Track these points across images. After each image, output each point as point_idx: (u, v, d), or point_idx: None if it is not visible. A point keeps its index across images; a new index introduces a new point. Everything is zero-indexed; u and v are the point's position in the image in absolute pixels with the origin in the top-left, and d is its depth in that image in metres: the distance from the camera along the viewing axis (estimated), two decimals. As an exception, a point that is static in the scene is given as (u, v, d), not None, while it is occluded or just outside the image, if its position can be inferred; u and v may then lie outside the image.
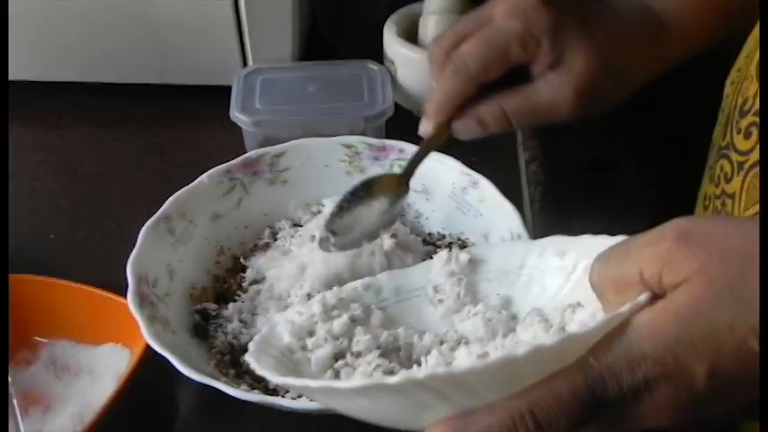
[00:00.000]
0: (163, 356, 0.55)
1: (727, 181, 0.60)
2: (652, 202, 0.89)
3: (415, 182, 0.68)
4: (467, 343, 0.53)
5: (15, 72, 0.79)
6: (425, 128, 0.58)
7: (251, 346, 0.50)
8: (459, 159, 0.67)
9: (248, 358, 0.48)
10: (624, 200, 0.88)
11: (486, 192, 0.66)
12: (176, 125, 0.85)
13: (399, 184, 0.60)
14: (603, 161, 0.91)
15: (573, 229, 0.54)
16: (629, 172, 0.92)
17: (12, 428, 0.58)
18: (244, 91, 0.78)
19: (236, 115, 0.76)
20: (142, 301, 0.58)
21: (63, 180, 0.81)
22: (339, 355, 0.51)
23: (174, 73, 0.86)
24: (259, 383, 0.58)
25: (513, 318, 0.54)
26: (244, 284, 0.65)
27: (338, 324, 0.53)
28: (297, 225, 0.68)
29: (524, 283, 0.54)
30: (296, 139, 0.70)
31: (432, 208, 0.69)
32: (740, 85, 0.60)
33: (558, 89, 0.56)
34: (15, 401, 0.60)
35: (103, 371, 0.61)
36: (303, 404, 0.55)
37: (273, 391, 0.57)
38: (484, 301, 0.55)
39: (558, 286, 0.52)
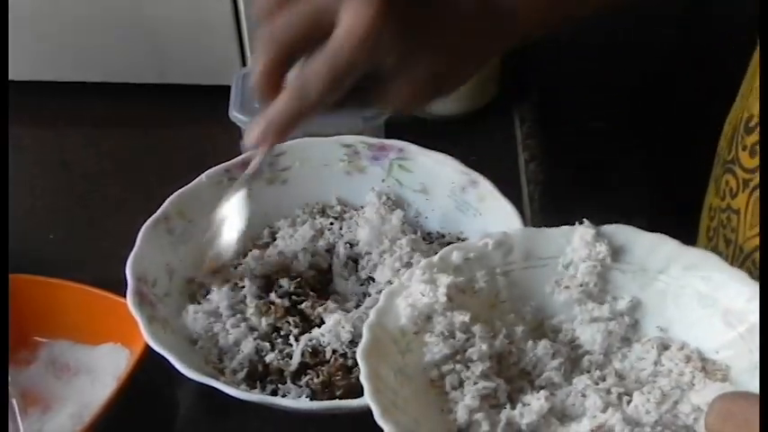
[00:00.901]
0: (162, 356, 0.55)
1: (733, 196, 0.59)
2: (651, 202, 0.89)
3: (413, 181, 0.69)
4: (579, 350, 0.53)
5: (13, 72, 0.79)
6: (255, 138, 0.54)
7: (366, 333, 0.48)
8: (458, 158, 0.67)
9: (360, 360, 0.47)
10: (623, 199, 0.88)
11: (485, 191, 0.66)
12: (175, 125, 0.85)
13: None
14: (602, 161, 0.91)
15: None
16: (627, 171, 0.92)
17: (11, 428, 0.58)
18: (243, 91, 0.77)
19: (235, 115, 0.75)
20: (141, 300, 0.58)
21: (61, 180, 0.81)
22: (452, 355, 0.50)
23: (173, 72, 0.86)
24: (258, 383, 0.58)
25: (635, 325, 0.54)
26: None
27: (458, 321, 0.51)
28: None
29: (658, 292, 0.53)
30: (295, 138, 0.70)
31: (431, 207, 0.69)
32: (747, 98, 0.59)
33: (393, 93, 0.54)
34: (15, 401, 0.59)
35: (103, 371, 0.61)
36: (302, 404, 0.55)
37: (273, 391, 0.57)
38: (610, 302, 0.54)
39: (690, 317, 0.52)
